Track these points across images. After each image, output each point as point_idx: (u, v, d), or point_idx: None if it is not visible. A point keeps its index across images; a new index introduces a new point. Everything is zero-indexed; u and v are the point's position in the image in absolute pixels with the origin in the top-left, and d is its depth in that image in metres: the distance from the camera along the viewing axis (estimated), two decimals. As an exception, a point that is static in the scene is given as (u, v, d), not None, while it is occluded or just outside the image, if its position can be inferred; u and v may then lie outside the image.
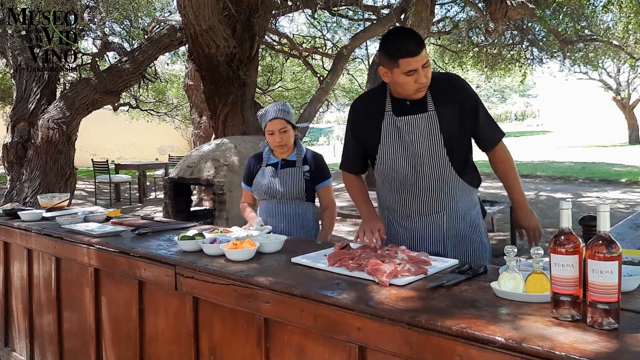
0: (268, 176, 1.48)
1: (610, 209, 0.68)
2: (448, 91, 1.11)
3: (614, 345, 0.60)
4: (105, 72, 4.38)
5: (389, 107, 1.13)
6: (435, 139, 1.10)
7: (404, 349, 0.72)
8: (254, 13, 3.66)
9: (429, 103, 1.10)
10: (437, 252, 1.12)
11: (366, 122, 1.16)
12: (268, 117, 1.46)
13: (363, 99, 1.23)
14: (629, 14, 4.77)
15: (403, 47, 1.04)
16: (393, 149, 1.12)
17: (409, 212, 1.16)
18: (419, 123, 1.10)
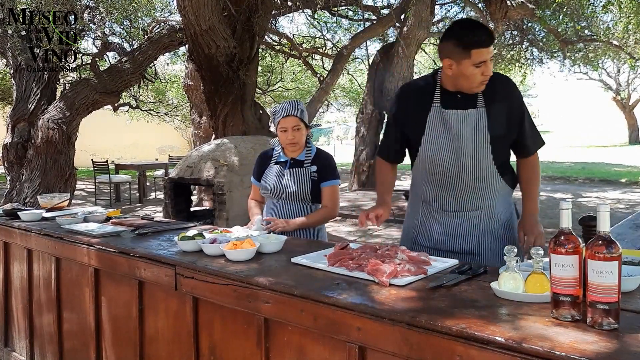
0: (275, 175, 1.47)
1: (610, 209, 0.68)
2: (500, 91, 1.11)
3: (614, 345, 0.60)
4: (105, 72, 4.38)
5: (437, 99, 1.12)
6: (481, 136, 1.09)
7: (404, 349, 0.72)
8: (254, 13, 3.67)
9: (479, 99, 1.10)
10: (470, 249, 1.12)
11: (412, 111, 1.15)
12: (282, 114, 1.44)
13: (411, 88, 1.22)
14: (629, 14, 4.77)
15: (478, 37, 1.03)
16: (437, 141, 1.11)
17: (447, 206, 1.15)
18: (467, 118, 1.09)
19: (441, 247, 1.15)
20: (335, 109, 12.48)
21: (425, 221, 1.18)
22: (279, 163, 1.49)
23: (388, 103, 4.81)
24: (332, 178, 1.47)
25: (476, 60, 1.04)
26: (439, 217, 1.16)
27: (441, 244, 1.15)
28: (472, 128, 1.09)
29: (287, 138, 1.44)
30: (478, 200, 1.13)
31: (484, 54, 1.04)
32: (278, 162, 1.49)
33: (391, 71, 4.75)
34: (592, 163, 9.50)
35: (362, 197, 3.14)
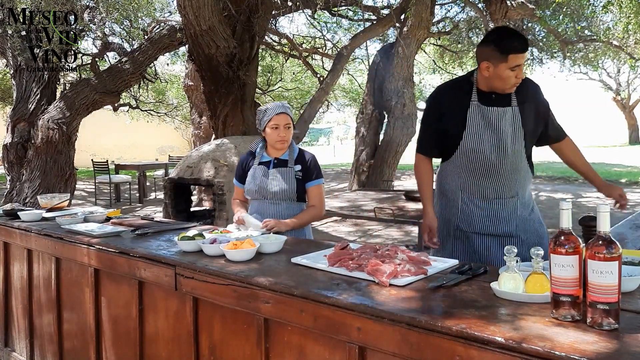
0: (259, 176, 1.47)
1: (610, 210, 0.68)
2: (529, 92, 1.27)
3: (614, 345, 0.60)
4: (105, 72, 4.38)
5: (474, 97, 1.26)
6: (517, 131, 1.25)
7: (404, 349, 0.72)
8: (254, 13, 3.66)
9: (512, 99, 1.25)
10: (510, 232, 1.27)
11: (451, 108, 1.28)
12: (274, 111, 1.45)
13: (449, 87, 1.36)
14: (629, 14, 4.77)
15: (515, 44, 1.19)
16: (479, 134, 1.25)
17: (488, 193, 1.28)
18: (505, 115, 1.24)
19: (483, 231, 1.29)
20: (335, 109, 12.48)
21: (465, 208, 1.30)
22: (262, 163, 1.49)
23: (387, 103, 4.81)
24: (316, 177, 1.49)
25: (512, 64, 1.19)
26: (479, 203, 1.29)
27: (484, 228, 1.28)
28: (510, 124, 1.24)
29: (278, 135, 1.45)
30: (514, 187, 1.28)
31: (519, 59, 1.19)
32: (262, 163, 1.49)
33: (391, 71, 4.75)
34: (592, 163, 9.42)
35: (362, 197, 3.14)
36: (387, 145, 4.87)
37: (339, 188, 7.17)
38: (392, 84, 4.79)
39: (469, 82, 1.28)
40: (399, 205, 2.69)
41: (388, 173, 4.88)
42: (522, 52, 1.19)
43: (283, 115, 1.45)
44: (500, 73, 1.20)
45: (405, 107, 4.78)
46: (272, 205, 1.46)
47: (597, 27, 5.64)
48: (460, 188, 1.30)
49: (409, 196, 2.90)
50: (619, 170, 8.29)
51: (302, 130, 4.84)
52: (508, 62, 1.18)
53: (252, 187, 1.48)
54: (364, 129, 5.12)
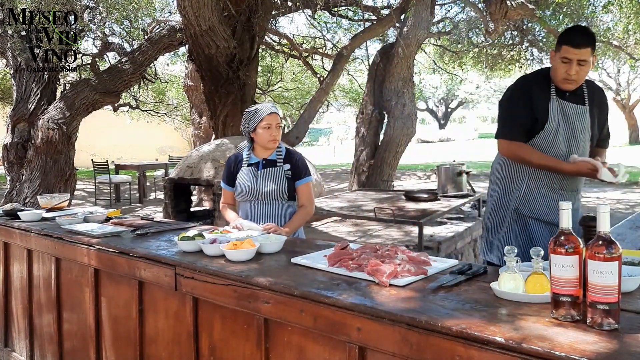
0: (249, 177, 1.47)
1: (610, 210, 0.68)
2: (599, 97, 1.34)
3: (614, 345, 0.60)
4: (105, 72, 4.38)
5: (553, 92, 1.30)
6: (587, 131, 1.31)
7: (404, 349, 0.72)
8: (254, 13, 3.67)
9: (585, 99, 1.31)
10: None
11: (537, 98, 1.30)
12: (266, 111, 1.45)
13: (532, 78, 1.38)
14: (629, 15, 4.77)
15: (570, 36, 1.22)
16: (557, 128, 1.29)
17: (554, 184, 1.32)
18: (582, 113, 1.30)
19: (542, 217, 1.33)
20: (335, 109, 12.48)
21: (528, 193, 1.34)
22: (251, 165, 1.49)
23: (387, 103, 4.81)
24: (305, 175, 1.50)
25: (563, 54, 1.22)
26: (545, 192, 1.32)
27: (543, 214, 1.32)
28: (584, 123, 1.30)
29: (270, 135, 1.45)
30: (577, 183, 1.34)
31: (570, 52, 1.21)
32: (250, 164, 1.49)
33: (391, 71, 4.75)
34: (592, 163, 9.46)
35: (362, 197, 3.14)
36: (387, 146, 4.86)
37: (339, 188, 7.16)
38: (392, 84, 4.79)
39: (547, 76, 1.31)
40: (399, 205, 2.70)
41: (388, 173, 4.88)
42: (575, 47, 1.19)
43: (274, 115, 1.46)
44: (554, 62, 1.24)
45: (405, 107, 4.78)
46: (264, 205, 1.47)
47: (597, 27, 5.64)
48: (528, 174, 1.33)
49: (409, 196, 2.90)
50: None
51: (302, 130, 4.83)
52: (560, 52, 1.22)
53: (244, 189, 1.47)
54: (363, 129, 5.11)
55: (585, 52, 1.21)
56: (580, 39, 1.20)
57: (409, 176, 8.91)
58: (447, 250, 2.56)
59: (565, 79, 1.23)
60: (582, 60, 1.21)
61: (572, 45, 1.20)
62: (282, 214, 1.47)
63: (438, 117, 24.03)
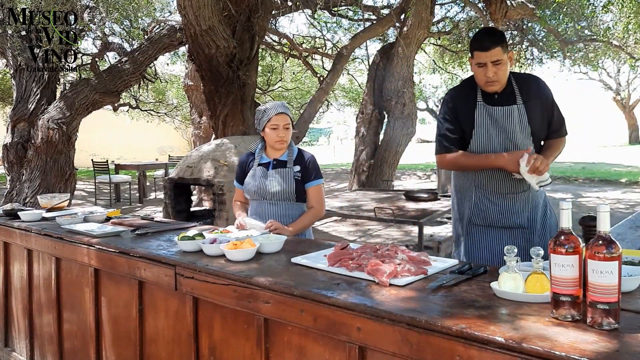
0: (258, 176, 1.47)
1: (610, 209, 0.68)
2: (533, 89, 1.29)
3: (614, 345, 0.60)
4: (105, 72, 4.38)
5: (480, 98, 1.30)
6: (524, 128, 1.27)
7: (404, 349, 0.72)
8: (254, 13, 3.66)
9: (517, 97, 1.28)
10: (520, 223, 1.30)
11: (462, 109, 1.32)
12: (274, 112, 1.45)
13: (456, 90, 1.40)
14: (629, 14, 4.77)
15: (478, 41, 1.24)
16: (488, 133, 1.29)
17: (501, 189, 1.31)
18: (512, 113, 1.27)
19: (496, 224, 1.32)
20: (335, 109, 12.49)
21: (479, 203, 1.34)
22: (262, 164, 1.49)
23: (387, 103, 4.81)
24: (316, 178, 1.49)
25: (476, 60, 1.24)
26: (493, 199, 1.33)
27: (497, 221, 1.32)
28: (517, 122, 1.27)
29: (277, 135, 1.45)
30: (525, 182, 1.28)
31: (481, 57, 1.23)
32: (261, 164, 1.49)
33: (391, 71, 4.75)
34: (592, 163, 9.51)
35: (362, 197, 3.14)
36: (387, 145, 4.87)
37: (339, 188, 7.16)
38: (392, 84, 4.79)
39: (473, 84, 1.31)
40: (399, 205, 2.69)
41: (388, 173, 4.88)
42: (483, 50, 1.21)
43: (282, 115, 1.45)
44: (473, 69, 1.26)
45: (405, 107, 4.78)
46: (271, 205, 1.47)
47: (597, 27, 5.64)
48: (474, 185, 1.34)
49: (408, 196, 2.90)
50: (618, 170, 8.29)
51: (302, 130, 4.83)
52: (474, 59, 1.24)
53: (251, 188, 1.48)
54: (363, 128, 5.12)
55: (495, 52, 1.21)
56: (487, 41, 1.21)
57: (409, 176, 8.91)
58: (447, 250, 2.56)
59: (486, 82, 1.24)
60: (496, 60, 1.21)
61: (480, 49, 1.22)
62: (289, 215, 1.46)
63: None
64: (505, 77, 1.25)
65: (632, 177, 7.44)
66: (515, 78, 1.29)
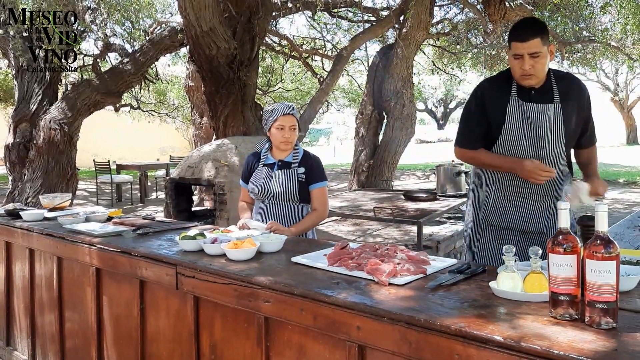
0: (263, 177, 1.48)
1: (608, 209, 0.68)
2: (573, 90, 1.22)
3: (612, 344, 0.60)
4: (106, 73, 4.39)
5: (514, 92, 1.21)
6: (558, 130, 1.20)
7: (403, 348, 0.73)
8: (255, 15, 3.68)
9: (555, 96, 1.20)
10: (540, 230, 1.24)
11: (492, 102, 1.24)
12: (280, 112, 1.45)
13: (490, 81, 1.32)
14: (627, 15, 4.78)
15: (516, 31, 1.16)
16: (517, 131, 1.21)
17: (522, 190, 1.24)
18: (546, 112, 1.19)
19: (513, 226, 1.26)
20: (335, 110, 12.50)
21: (497, 202, 1.27)
22: (267, 165, 1.50)
23: (386, 104, 4.82)
24: (320, 180, 1.49)
25: (513, 51, 1.16)
26: (513, 200, 1.26)
27: (513, 223, 1.26)
28: (550, 122, 1.19)
29: (283, 136, 1.45)
30: (551, 186, 1.23)
31: (519, 48, 1.14)
32: (266, 164, 1.50)
33: (390, 72, 4.76)
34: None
35: (361, 197, 3.15)
36: (386, 146, 4.88)
37: (338, 188, 7.17)
38: (392, 85, 4.80)
39: (508, 77, 1.23)
40: (399, 205, 2.70)
41: (387, 173, 4.89)
42: (521, 41, 1.13)
43: (289, 116, 1.46)
44: (509, 62, 1.18)
45: (405, 107, 4.79)
46: (275, 206, 1.48)
47: (596, 28, 5.65)
48: (495, 182, 1.27)
49: (408, 196, 2.91)
50: (617, 170, 8.30)
51: (303, 130, 4.85)
52: (511, 49, 1.17)
53: (255, 188, 1.49)
54: (363, 129, 5.13)
55: (534, 43, 1.13)
56: (525, 31, 1.14)
57: (408, 176, 8.91)
58: (446, 250, 2.56)
59: (522, 75, 1.16)
60: (534, 52, 1.13)
61: (518, 39, 1.14)
62: (292, 216, 1.47)
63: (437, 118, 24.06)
64: (544, 71, 1.17)
65: (630, 177, 7.46)
66: (555, 75, 1.21)
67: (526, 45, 1.13)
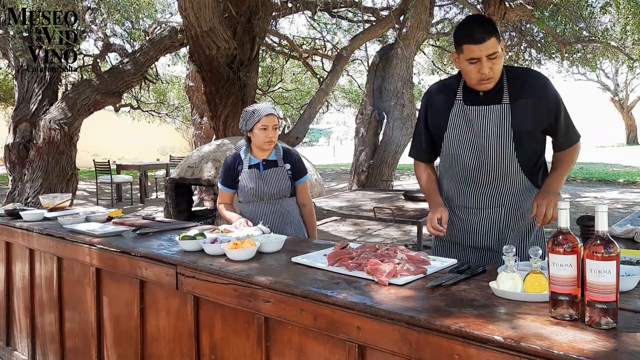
0: (254, 178, 1.48)
1: (608, 209, 0.68)
2: (527, 86, 1.06)
3: (612, 344, 0.60)
4: (106, 73, 4.39)
5: (460, 96, 1.09)
6: (504, 133, 1.05)
7: (403, 348, 0.73)
8: (255, 15, 3.68)
9: (504, 95, 1.06)
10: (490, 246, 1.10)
11: (436, 108, 1.13)
12: (263, 113, 1.46)
13: (437, 85, 1.20)
14: (627, 15, 4.78)
15: (468, 32, 1.00)
16: (459, 138, 1.09)
17: (467, 203, 1.12)
18: (489, 114, 1.05)
19: (462, 242, 1.14)
20: (335, 110, 12.51)
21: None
22: (252, 166, 1.50)
23: (386, 104, 4.82)
24: (304, 174, 1.54)
25: (467, 56, 1.01)
26: (460, 213, 1.14)
27: (462, 239, 1.14)
28: (494, 124, 1.05)
29: (266, 136, 1.46)
30: (500, 197, 1.10)
31: (474, 51, 0.99)
32: (251, 166, 1.50)
33: (390, 72, 4.77)
34: (590, 163, 9.53)
35: (361, 197, 3.15)
36: (386, 146, 4.88)
37: (338, 188, 7.17)
38: (391, 85, 4.81)
39: (457, 80, 1.11)
40: (398, 205, 2.70)
41: (387, 173, 4.89)
42: (476, 43, 0.97)
43: (271, 116, 1.47)
44: (461, 66, 1.03)
45: (405, 107, 4.80)
46: (269, 205, 1.49)
47: (595, 28, 5.65)
48: (444, 196, 1.16)
49: (408, 196, 2.91)
50: (616, 170, 8.31)
51: (302, 130, 4.84)
52: (464, 53, 1.01)
53: (248, 190, 1.48)
54: (363, 129, 5.13)
55: (491, 43, 0.98)
56: (480, 31, 0.97)
57: (408, 176, 8.92)
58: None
59: (480, 80, 1.01)
60: (492, 54, 0.99)
61: (472, 41, 0.98)
62: (286, 212, 1.49)
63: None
64: (500, 71, 1.03)
65: (630, 177, 7.46)
66: (508, 73, 1.06)
67: (483, 46, 0.98)
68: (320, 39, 6.82)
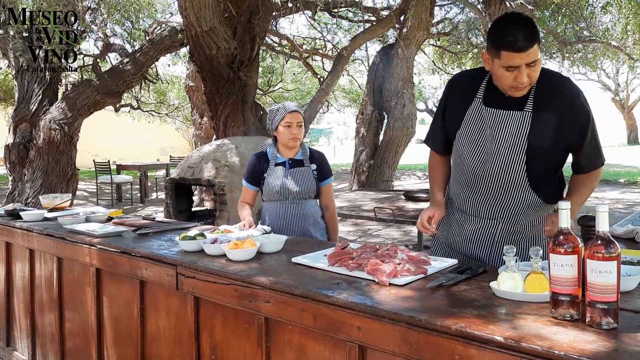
0: (280, 176, 1.48)
1: (609, 209, 0.68)
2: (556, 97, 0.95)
3: (613, 344, 0.60)
4: (106, 73, 4.40)
5: (480, 94, 0.99)
6: (517, 143, 0.96)
7: (404, 348, 0.73)
8: (255, 15, 3.68)
9: (528, 103, 0.95)
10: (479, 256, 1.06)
11: (455, 102, 1.04)
12: (287, 110, 1.46)
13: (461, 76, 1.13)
14: (628, 15, 4.78)
15: (509, 38, 0.88)
16: (469, 139, 1.00)
17: (466, 208, 1.06)
18: (507, 120, 0.96)
19: (454, 246, 1.11)
20: (335, 110, 12.51)
21: (445, 218, 1.10)
22: (278, 164, 1.50)
23: (386, 104, 4.82)
24: (328, 176, 1.55)
25: (505, 63, 0.90)
26: (458, 217, 1.09)
27: (455, 244, 1.10)
28: (509, 132, 0.96)
29: (291, 133, 1.46)
30: (500, 209, 1.02)
31: (514, 59, 0.89)
32: (278, 164, 1.50)
33: (391, 72, 4.77)
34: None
35: (362, 197, 3.15)
36: (386, 146, 4.89)
37: (339, 188, 7.16)
38: (392, 85, 4.81)
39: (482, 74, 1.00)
40: (399, 205, 2.70)
41: (388, 173, 4.90)
42: (518, 51, 0.87)
43: (296, 113, 1.48)
44: (495, 70, 0.93)
45: (405, 107, 4.80)
46: (292, 205, 1.48)
47: (596, 28, 5.65)
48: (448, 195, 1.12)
49: (408, 196, 2.91)
50: (617, 171, 8.31)
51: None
52: (501, 60, 0.90)
53: (274, 188, 1.47)
54: (363, 129, 5.13)
55: (533, 51, 0.88)
56: (524, 38, 0.87)
57: (409, 176, 8.92)
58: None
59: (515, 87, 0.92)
60: (532, 62, 0.89)
61: (514, 49, 0.87)
62: (310, 213, 1.49)
63: (438, 118, 23.95)
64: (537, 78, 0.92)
65: (631, 177, 7.46)
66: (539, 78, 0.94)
67: (524, 54, 0.88)
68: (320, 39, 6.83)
